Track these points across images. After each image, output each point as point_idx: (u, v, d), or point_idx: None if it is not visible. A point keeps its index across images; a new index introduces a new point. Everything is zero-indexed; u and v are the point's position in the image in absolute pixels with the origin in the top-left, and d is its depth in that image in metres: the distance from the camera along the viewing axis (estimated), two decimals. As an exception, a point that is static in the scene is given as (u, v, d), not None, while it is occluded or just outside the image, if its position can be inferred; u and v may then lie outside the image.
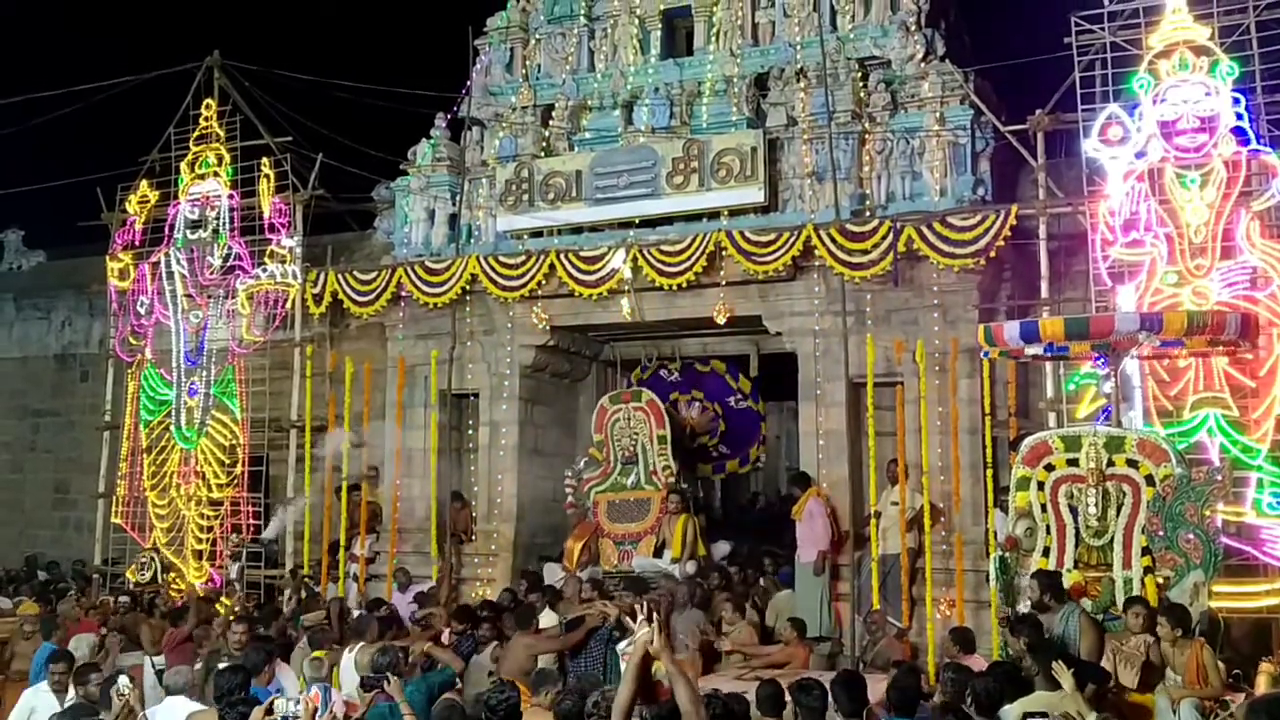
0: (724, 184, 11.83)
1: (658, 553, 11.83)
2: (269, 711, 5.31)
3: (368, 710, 6.27)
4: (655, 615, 4.62)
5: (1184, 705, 6.88)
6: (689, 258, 11.59)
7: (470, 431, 13.36)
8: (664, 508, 11.91)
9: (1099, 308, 9.97)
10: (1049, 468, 8.50)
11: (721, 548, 12.32)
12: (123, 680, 6.15)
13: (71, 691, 7.08)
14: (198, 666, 7.91)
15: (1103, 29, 10.37)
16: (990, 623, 9.53)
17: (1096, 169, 10.32)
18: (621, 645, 5.01)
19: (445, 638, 9.19)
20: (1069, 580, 8.13)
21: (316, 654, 8.19)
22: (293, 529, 12.97)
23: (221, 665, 7.11)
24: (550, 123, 13.06)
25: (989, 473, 10.49)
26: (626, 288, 11.98)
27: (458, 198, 13.28)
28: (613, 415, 12.49)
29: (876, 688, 6.50)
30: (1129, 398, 9.60)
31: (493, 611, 9.53)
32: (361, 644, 8.17)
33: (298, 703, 5.39)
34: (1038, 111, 10.74)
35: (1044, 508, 8.50)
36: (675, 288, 11.77)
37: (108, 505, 14.12)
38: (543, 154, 12.92)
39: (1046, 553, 8.44)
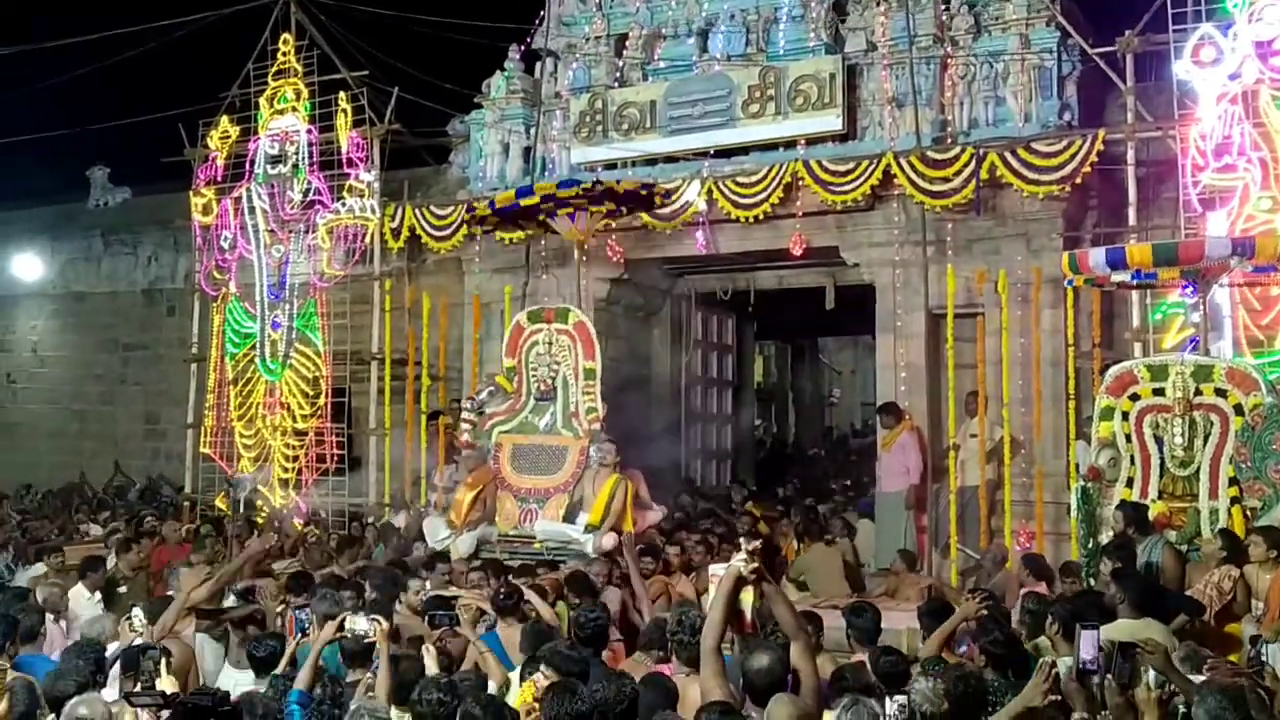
0: (801, 112, 11.65)
1: (570, 516, 9.71)
2: (340, 628, 5.33)
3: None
4: (755, 550, 4.67)
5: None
6: (765, 189, 11.47)
7: (546, 364, 13.43)
8: (583, 460, 9.90)
9: (1188, 235, 9.70)
10: (1134, 397, 8.37)
11: (651, 515, 10.12)
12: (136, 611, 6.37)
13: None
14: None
15: (1197, -56, 10.00)
16: (1071, 555, 9.45)
17: (1187, 92, 9.99)
18: (713, 568, 5.06)
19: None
20: (1153, 511, 8.04)
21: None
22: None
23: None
24: (624, 53, 12.93)
25: (1071, 404, 10.35)
26: (701, 220, 11.92)
27: (532, 130, 13.27)
28: (530, 337, 10.47)
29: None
30: (1218, 327, 9.40)
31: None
32: None
33: (370, 622, 5.35)
34: (1127, 33, 10.38)
35: (1128, 438, 8.38)
36: (750, 220, 11.67)
37: (196, 435, 14.49)
38: (616, 84, 12.83)
39: (1130, 483, 8.34)
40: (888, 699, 4.14)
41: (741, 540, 4.97)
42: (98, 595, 7.95)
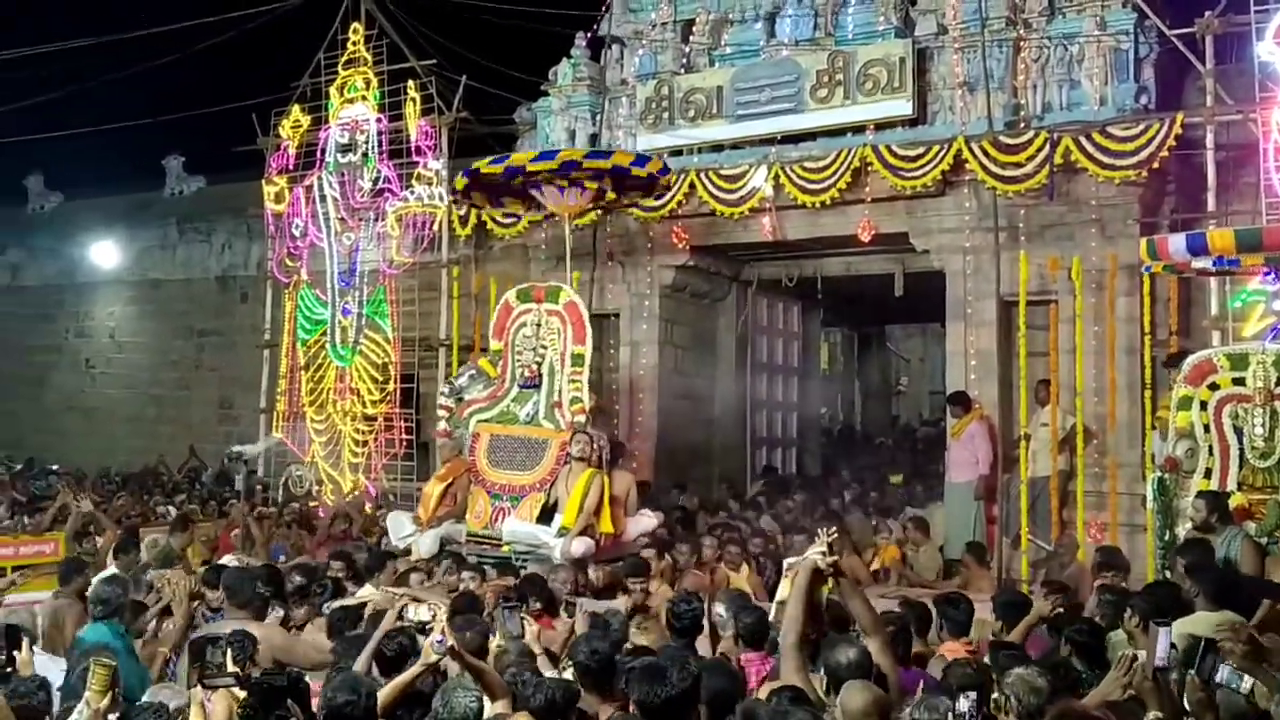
0: (870, 96, 11.52)
1: (545, 517, 8.74)
2: (400, 617, 5.26)
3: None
4: (832, 542, 4.64)
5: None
6: (832, 174, 11.37)
7: (611, 351, 13.49)
8: (563, 456, 8.87)
9: (1270, 221, 9.45)
10: (1213, 387, 8.15)
11: (644, 522, 9.14)
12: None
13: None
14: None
15: (1281, -79, 9.71)
16: (1145, 547, 9.27)
17: (1270, 74, 9.70)
18: (788, 561, 5.04)
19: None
20: (1232, 503, 7.84)
21: None
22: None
23: None
24: (690, 38, 12.90)
25: (1147, 394, 10.14)
26: (768, 206, 11.84)
27: (598, 117, 13.29)
28: (518, 319, 9.61)
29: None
30: (1301, 315, 9.14)
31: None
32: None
33: (430, 611, 5.27)
34: (1206, 14, 10.11)
35: (1206, 428, 8.18)
36: (818, 205, 11.57)
37: (269, 420, 14.74)
38: (683, 71, 12.79)
39: (1208, 474, 8.13)
40: (962, 696, 4.07)
41: (820, 532, 4.94)
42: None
